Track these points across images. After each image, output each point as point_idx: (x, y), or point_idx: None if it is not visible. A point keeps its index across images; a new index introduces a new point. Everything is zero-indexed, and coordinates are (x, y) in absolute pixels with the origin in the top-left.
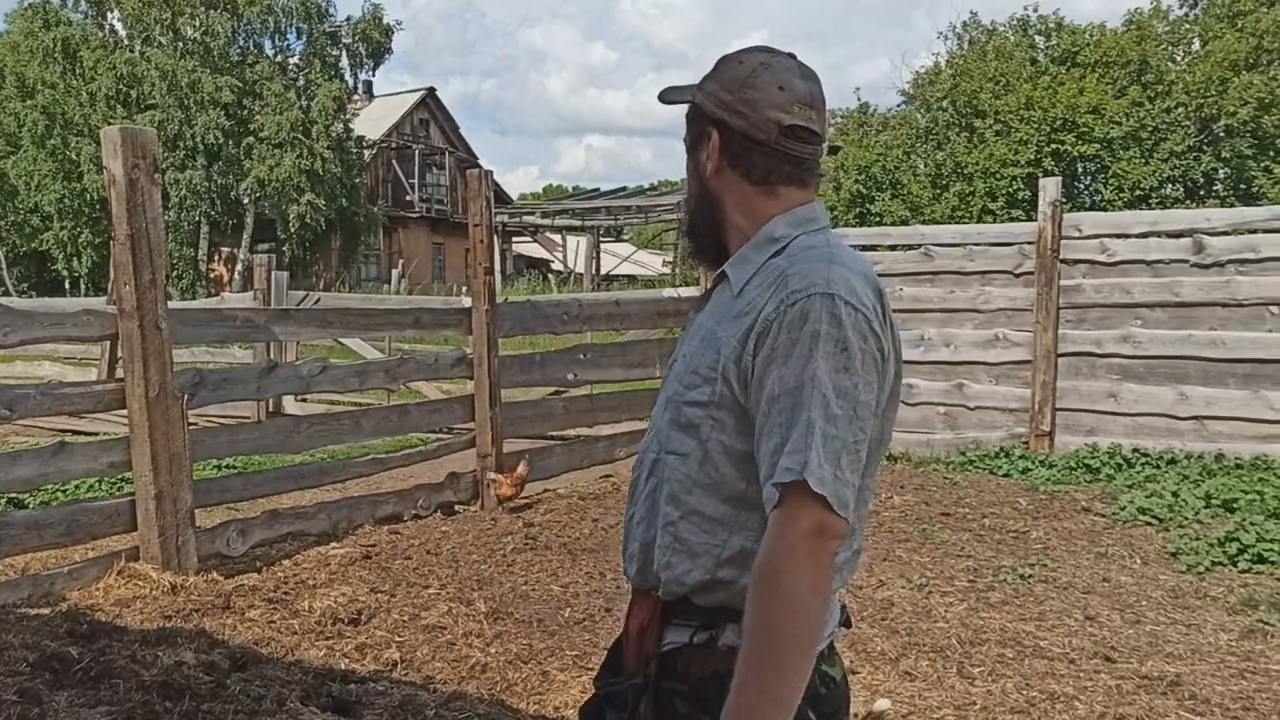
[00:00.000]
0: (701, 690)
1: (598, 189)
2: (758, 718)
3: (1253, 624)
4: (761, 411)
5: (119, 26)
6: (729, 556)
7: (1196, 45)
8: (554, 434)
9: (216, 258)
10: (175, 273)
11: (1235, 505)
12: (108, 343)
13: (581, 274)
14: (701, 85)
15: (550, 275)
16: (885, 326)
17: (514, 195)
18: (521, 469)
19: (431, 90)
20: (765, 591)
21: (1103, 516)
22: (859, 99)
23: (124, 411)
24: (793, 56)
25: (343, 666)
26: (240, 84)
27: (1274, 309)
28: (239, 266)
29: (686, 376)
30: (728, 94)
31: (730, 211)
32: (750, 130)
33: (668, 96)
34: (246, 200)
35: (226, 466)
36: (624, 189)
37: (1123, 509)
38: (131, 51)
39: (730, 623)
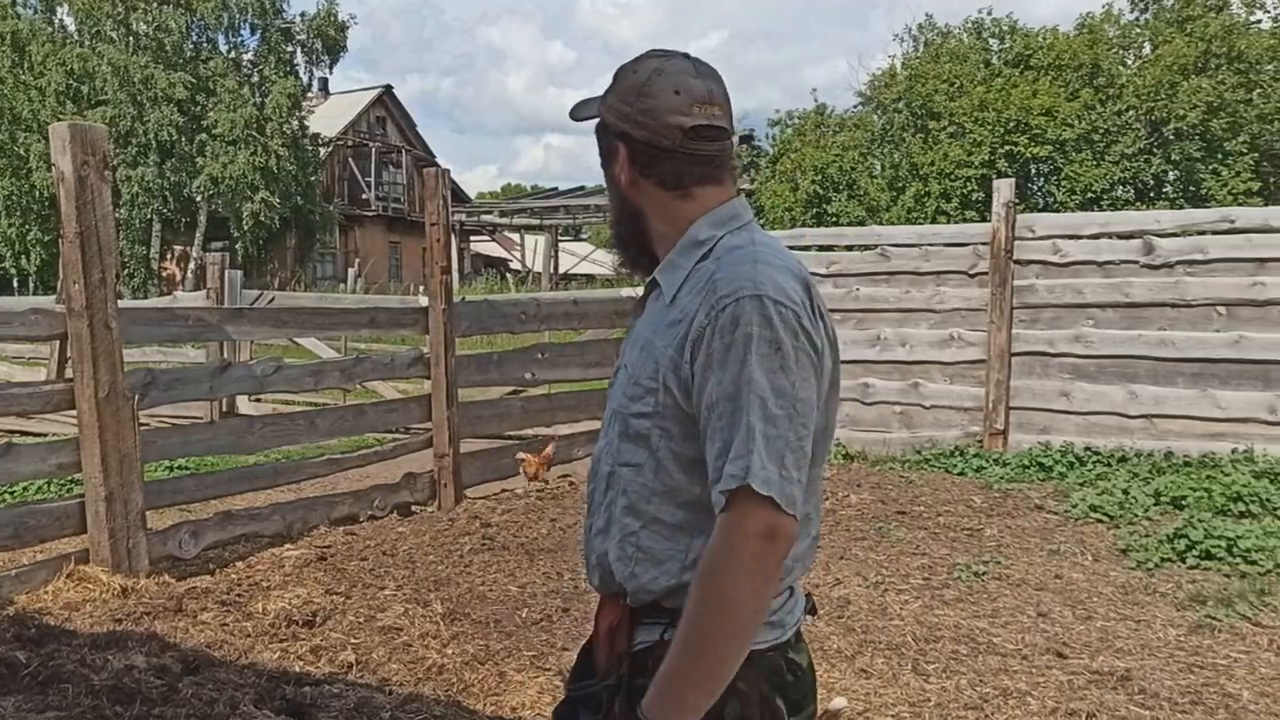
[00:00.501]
0: None
1: (556, 188)
2: (679, 701)
3: (1200, 619)
4: (703, 418)
5: (69, 22)
6: (694, 560)
7: (1147, 49)
8: (512, 434)
9: (169, 256)
10: (126, 271)
11: (1184, 502)
12: (57, 342)
13: (540, 273)
14: (604, 98)
15: (508, 274)
16: (816, 320)
17: (472, 194)
18: (549, 450)
19: (388, 88)
20: (703, 592)
21: (1055, 514)
22: (816, 100)
23: (73, 412)
24: (687, 56)
25: (297, 669)
26: (194, 80)
27: (1221, 309)
28: (192, 265)
29: (630, 388)
30: (626, 105)
31: (652, 220)
32: (654, 139)
33: (578, 113)
34: (200, 198)
35: (179, 467)
36: (582, 188)
37: (1074, 506)
38: (82, 46)
39: None
